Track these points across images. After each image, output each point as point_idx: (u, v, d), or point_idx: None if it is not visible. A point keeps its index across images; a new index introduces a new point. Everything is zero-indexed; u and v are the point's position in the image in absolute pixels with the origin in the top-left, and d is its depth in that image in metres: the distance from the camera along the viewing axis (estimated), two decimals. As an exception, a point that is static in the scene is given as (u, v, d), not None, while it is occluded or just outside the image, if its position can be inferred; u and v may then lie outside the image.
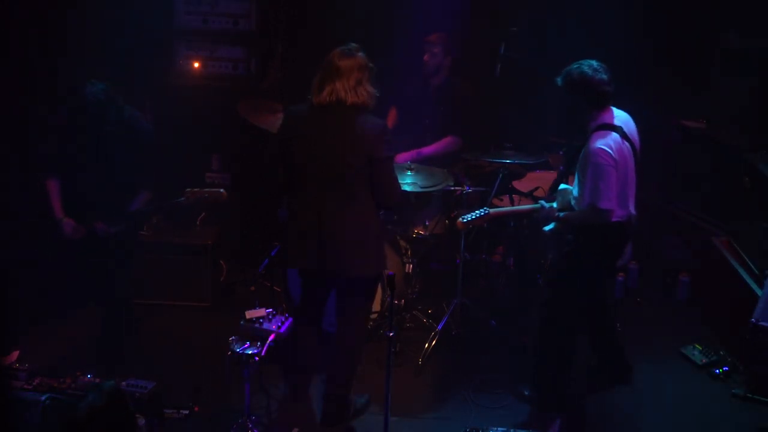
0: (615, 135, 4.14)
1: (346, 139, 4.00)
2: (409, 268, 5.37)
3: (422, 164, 5.45)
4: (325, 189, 4.07)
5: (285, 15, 6.13)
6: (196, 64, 6.08)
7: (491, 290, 5.67)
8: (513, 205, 5.30)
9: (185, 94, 6.04)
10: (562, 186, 4.52)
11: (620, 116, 4.26)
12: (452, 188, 5.23)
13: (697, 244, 5.96)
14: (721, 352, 5.15)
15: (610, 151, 4.08)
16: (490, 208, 4.57)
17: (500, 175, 5.33)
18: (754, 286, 4.90)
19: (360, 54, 4.05)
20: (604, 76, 4.14)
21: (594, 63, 4.16)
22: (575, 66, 4.17)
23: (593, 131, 4.17)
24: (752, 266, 5.05)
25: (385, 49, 5.77)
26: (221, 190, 4.57)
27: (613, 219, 4.20)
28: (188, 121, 5.98)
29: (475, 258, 5.64)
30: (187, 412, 4.33)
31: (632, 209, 4.31)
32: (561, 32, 5.95)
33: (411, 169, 5.30)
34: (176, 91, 6.03)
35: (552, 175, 5.78)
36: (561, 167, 5.45)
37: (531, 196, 5.63)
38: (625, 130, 4.21)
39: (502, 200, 5.62)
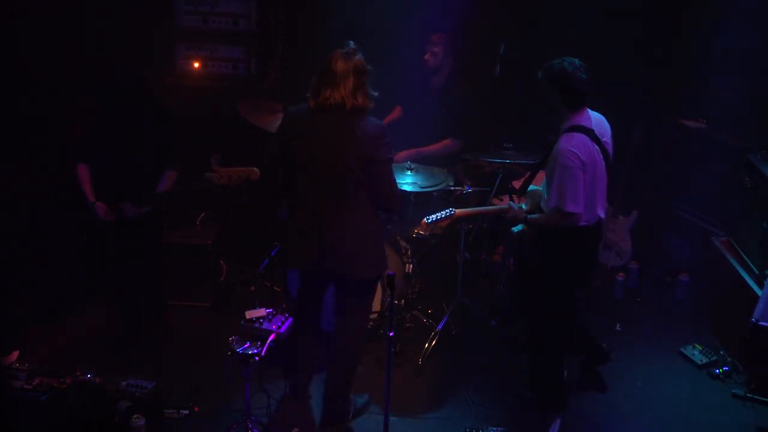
0: (585, 137, 4.07)
1: (345, 142, 3.99)
2: (409, 268, 5.37)
3: (422, 164, 5.46)
4: (325, 190, 4.07)
5: (285, 15, 6.14)
6: (196, 64, 6.08)
7: (491, 290, 5.67)
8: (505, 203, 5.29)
9: (185, 94, 6.04)
10: (532, 187, 4.47)
11: (594, 118, 4.20)
12: (452, 188, 5.23)
13: (697, 244, 5.97)
14: (721, 352, 5.15)
15: (578, 153, 4.02)
16: (457, 208, 4.53)
17: (500, 175, 5.33)
18: (754, 286, 4.90)
19: (358, 56, 4.02)
20: (584, 76, 4.07)
21: (576, 61, 4.10)
22: (557, 61, 4.11)
23: (564, 132, 4.12)
24: (752, 266, 5.05)
25: (387, 48, 5.78)
26: (254, 168, 4.42)
27: (581, 223, 4.15)
28: (188, 121, 5.97)
29: (475, 258, 5.64)
30: (187, 412, 4.35)
31: (601, 214, 4.25)
32: (561, 32, 5.95)
33: (411, 169, 5.30)
34: (176, 91, 6.03)
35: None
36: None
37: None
38: (597, 132, 4.14)
39: (502, 200, 5.61)
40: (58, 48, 5.54)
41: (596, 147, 4.12)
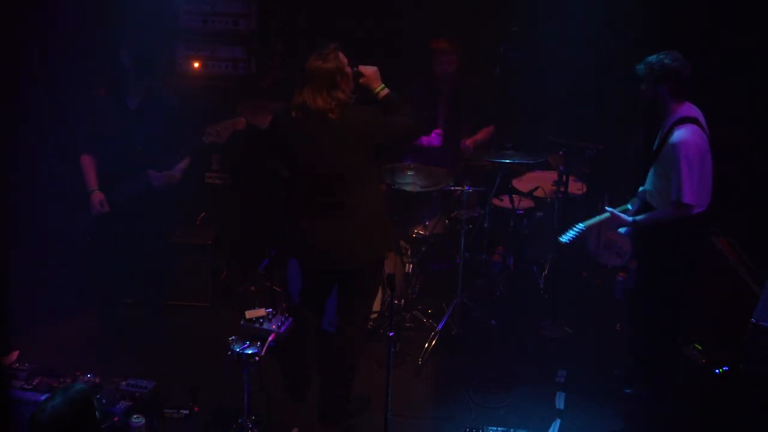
0: (696, 127, 4.14)
1: (336, 143, 4.01)
2: (409, 268, 5.37)
3: (422, 164, 5.45)
4: (323, 191, 4.10)
5: (285, 15, 6.14)
6: (196, 64, 6.08)
7: (491, 290, 5.67)
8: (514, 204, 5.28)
9: (185, 94, 6.04)
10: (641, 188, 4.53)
11: (693, 108, 4.26)
12: (452, 188, 5.23)
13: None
14: (722, 352, 5.15)
15: (697, 143, 4.10)
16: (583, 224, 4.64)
17: (499, 175, 5.33)
18: (754, 286, 4.90)
19: (332, 57, 4.00)
20: (689, 68, 4.16)
21: (677, 54, 4.20)
22: (662, 56, 4.20)
23: (676, 124, 4.16)
24: (752, 266, 5.05)
25: (388, 48, 5.78)
26: (241, 118, 4.54)
27: (696, 211, 4.24)
28: (188, 121, 5.97)
29: (475, 258, 5.64)
30: (187, 412, 4.35)
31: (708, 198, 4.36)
32: (560, 32, 5.95)
33: (411, 169, 5.30)
34: (176, 91, 6.03)
35: (552, 175, 5.78)
36: (561, 167, 5.46)
37: (531, 196, 5.64)
38: (701, 121, 4.20)
39: (502, 200, 5.63)
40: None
41: (704, 136, 4.20)
